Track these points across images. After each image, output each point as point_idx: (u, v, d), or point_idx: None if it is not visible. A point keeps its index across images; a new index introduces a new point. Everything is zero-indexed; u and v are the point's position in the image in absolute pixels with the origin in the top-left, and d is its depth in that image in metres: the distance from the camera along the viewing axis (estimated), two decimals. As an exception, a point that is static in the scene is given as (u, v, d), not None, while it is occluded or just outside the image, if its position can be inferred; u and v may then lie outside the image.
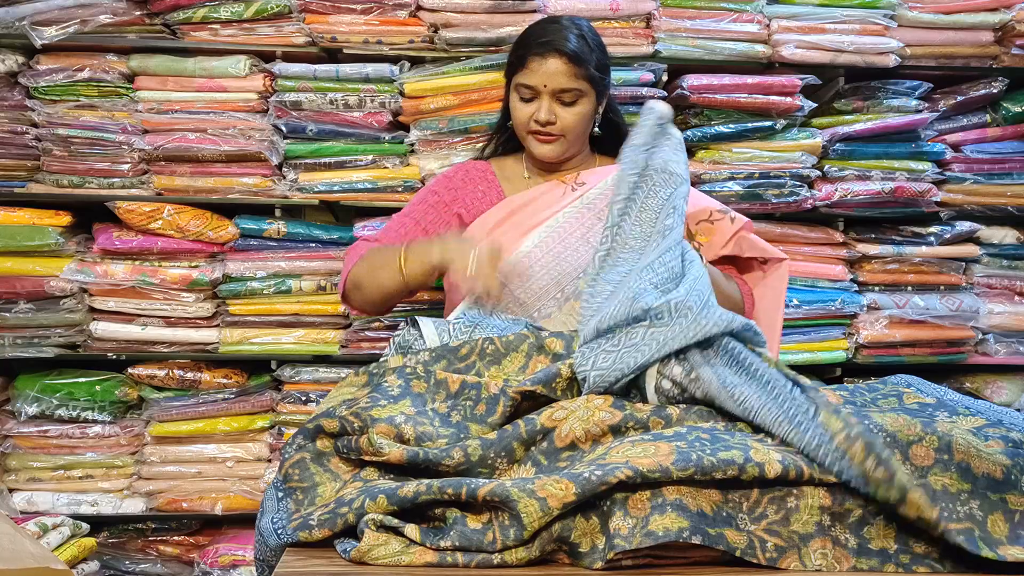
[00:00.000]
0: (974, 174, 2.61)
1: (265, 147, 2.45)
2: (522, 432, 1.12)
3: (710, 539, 0.97)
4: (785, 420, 1.05)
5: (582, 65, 1.68)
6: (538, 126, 1.71)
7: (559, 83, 1.68)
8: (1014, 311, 2.66)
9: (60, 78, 2.43)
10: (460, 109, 2.44)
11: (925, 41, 2.56)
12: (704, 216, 1.75)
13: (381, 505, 1.03)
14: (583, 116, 1.72)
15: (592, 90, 1.72)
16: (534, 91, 1.70)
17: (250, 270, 2.49)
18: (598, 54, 1.73)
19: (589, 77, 1.69)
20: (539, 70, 1.68)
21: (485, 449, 1.10)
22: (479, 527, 1.01)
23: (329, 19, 2.43)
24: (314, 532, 1.06)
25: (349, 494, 1.08)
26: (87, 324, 2.49)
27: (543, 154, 1.74)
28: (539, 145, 1.74)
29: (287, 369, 2.55)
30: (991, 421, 1.07)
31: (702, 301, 1.21)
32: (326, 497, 1.13)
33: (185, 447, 2.55)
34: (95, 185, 2.48)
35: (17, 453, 2.53)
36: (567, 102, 1.70)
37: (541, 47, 1.69)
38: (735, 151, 2.49)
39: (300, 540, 1.07)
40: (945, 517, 0.98)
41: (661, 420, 1.12)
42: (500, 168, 1.86)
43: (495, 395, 1.19)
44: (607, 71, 1.77)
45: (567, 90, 1.69)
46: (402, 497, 1.03)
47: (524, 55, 1.72)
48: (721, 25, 2.48)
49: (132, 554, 2.62)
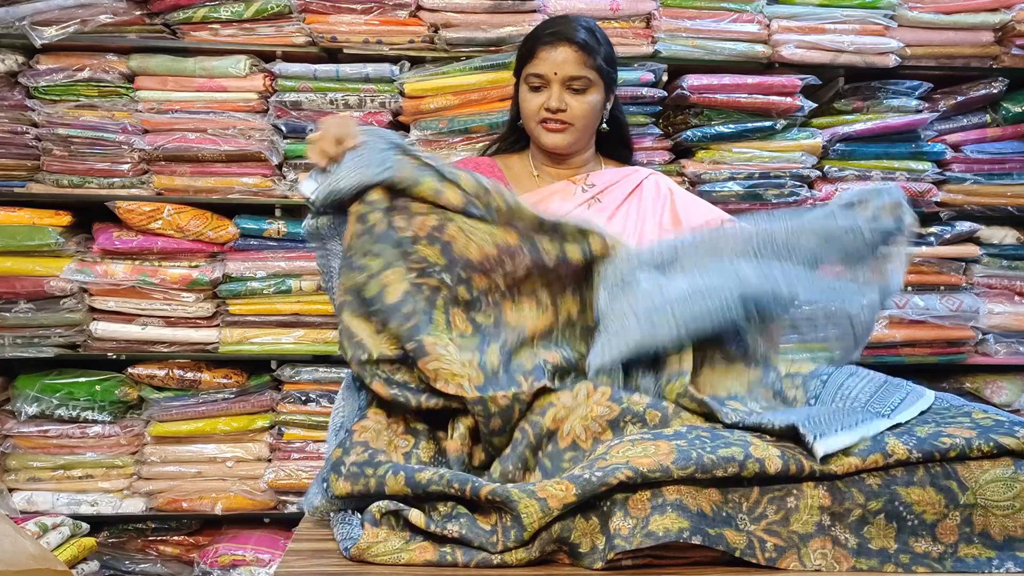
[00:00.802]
0: (974, 174, 2.61)
1: (265, 147, 2.45)
2: (530, 438, 1.13)
3: (710, 539, 0.97)
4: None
5: (591, 54, 1.69)
6: (548, 114, 1.72)
7: (569, 71, 1.69)
8: (1014, 311, 2.66)
9: (60, 78, 2.43)
10: (460, 109, 2.44)
11: (925, 41, 2.56)
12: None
13: (399, 481, 1.05)
14: (592, 106, 1.73)
15: (601, 81, 1.73)
16: (544, 80, 1.71)
17: (250, 270, 2.49)
18: (606, 48, 1.75)
19: (597, 67, 1.71)
20: (549, 58, 1.70)
21: (504, 463, 1.12)
22: (488, 528, 1.02)
23: (329, 19, 2.43)
24: (340, 482, 1.09)
25: (382, 458, 1.11)
26: (87, 324, 2.49)
27: (553, 143, 1.75)
28: (549, 135, 1.74)
29: (287, 369, 2.55)
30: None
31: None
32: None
33: (185, 447, 2.55)
34: (95, 185, 2.48)
35: (17, 453, 2.53)
36: (577, 90, 1.71)
37: (551, 36, 1.72)
38: (735, 151, 2.49)
39: (328, 482, 1.10)
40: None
41: (658, 412, 1.13)
42: (507, 166, 1.86)
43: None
44: (615, 66, 1.78)
45: (577, 78, 1.70)
46: (417, 481, 1.05)
47: (534, 46, 1.73)
48: (721, 25, 2.49)
49: (132, 554, 2.62)
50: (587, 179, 1.78)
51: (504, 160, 1.88)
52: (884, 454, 1.01)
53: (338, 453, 1.13)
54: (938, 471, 1.02)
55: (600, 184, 1.76)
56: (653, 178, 1.79)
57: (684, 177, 2.48)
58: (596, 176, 1.79)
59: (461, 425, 1.18)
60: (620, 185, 1.76)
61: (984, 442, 1.01)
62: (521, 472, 1.12)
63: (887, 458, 1.01)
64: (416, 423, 1.21)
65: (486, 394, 1.15)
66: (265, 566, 2.47)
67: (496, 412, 1.16)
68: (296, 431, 2.56)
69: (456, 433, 1.18)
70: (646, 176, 1.79)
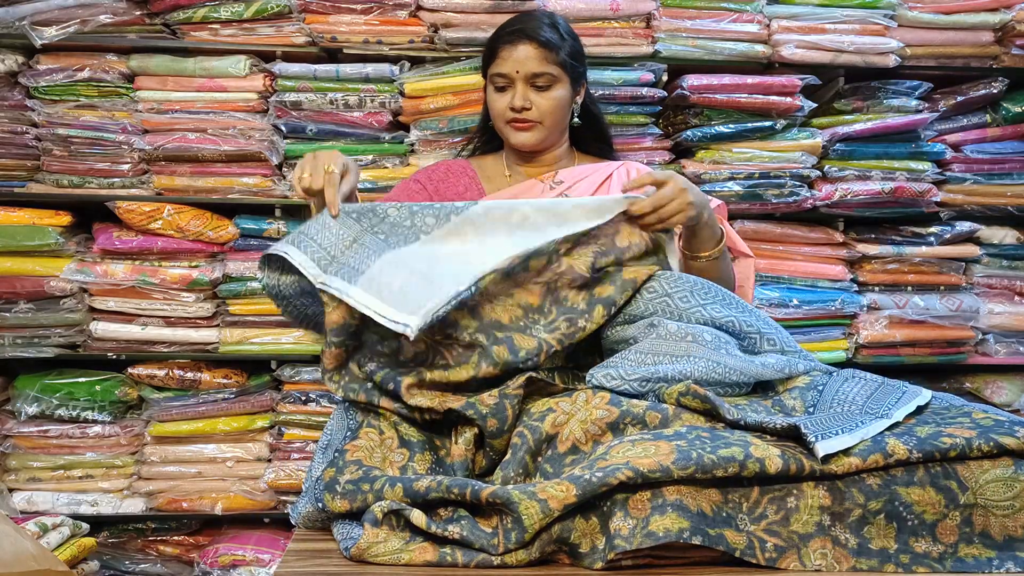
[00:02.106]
0: (974, 174, 2.61)
1: (265, 147, 2.45)
2: (530, 443, 1.13)
3: (710, 539, 0.97)
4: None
5: (553, 49, 1.68)
6: (514, 114, 1.71)
7: (530, 68, 1.68)
8: (1014, 311, 2.66)
9: (60, 78, 2.43)
10: (460, 109, 2.44)
11: (925, 41, 2.56)
12: None
13: (397, 493, 1.05)
14: (558, 102, 1.71)
15: (566, 76, 1.71)
16: (507, 79, 1.70)
17: (250, 270, 2.49)
18: (571, 42, 1.73)
19: (561, 62, 1.69)
20: (510, 57, 1.69)
21: (504, 470, 1.12)
22: (489, 531, 1.02)
23: (329, 19, 2.43)
24: (336, 501, 1.09)
25: (377, 473, 1.11)
26: (87, 324, 2.49)
27: (521, 142, 1.74)
28: (516, 133, 1.73)
29: (287, 369, 2.55)
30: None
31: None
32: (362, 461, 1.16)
33: (185, 447, 2.55)
34: (95, 185, 2.48)
35: (17, 453, 2.53)
36: (541, 86, 1.70)
37: (511, 35, 1.71)
38: (735, 151, 2.49)
39: (324, 502, 1.10)
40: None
41: (658, 414, 1.13)
42: (480, 167, 1.86)
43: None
44: (581, 59, 1.76)
45: (539, 74, 1.69)
46: (415, 490, 1.05)
47: (495, 46, 1.72)
48: (721, 25, 2.49)
49: (132, 554, 2.62)
50: (555, 176, 1.77)
51: (479, 161, 1.88)
52: (884, 454, 1.01)
53: (331, 473, 1.12)
54: (938, 471, 1.02)
55: (568, 180, 1.75)
56: (624, 167, 1.77)
57: (684, 177, 2.48)
58: (565, 172, 1.78)
59: (467, 431, 1.19)
60: (589, 179, 1.75)
61: (984, 442, 1.01)
62: (522, 478, 1.12)
63: (887, 458, 1.01)
64: (411, 435, 1.21)
65: (472, 398, 1.16)
66: (265, 566, 2.46)
67: (488, 412, 1.16)
68: (296, 431, 2.56)
69: (461, 438, 1.19)
70: (617, 167, 1.77)
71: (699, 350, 1.24)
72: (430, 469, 1.18)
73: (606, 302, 1.32)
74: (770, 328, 1.34)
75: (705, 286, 1.36)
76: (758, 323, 1.33)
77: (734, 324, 1.31)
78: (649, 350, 1.25)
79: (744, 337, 1.32)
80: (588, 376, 1.24)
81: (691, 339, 1.26)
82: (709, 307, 1.32)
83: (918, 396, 1.17)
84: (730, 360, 1.23)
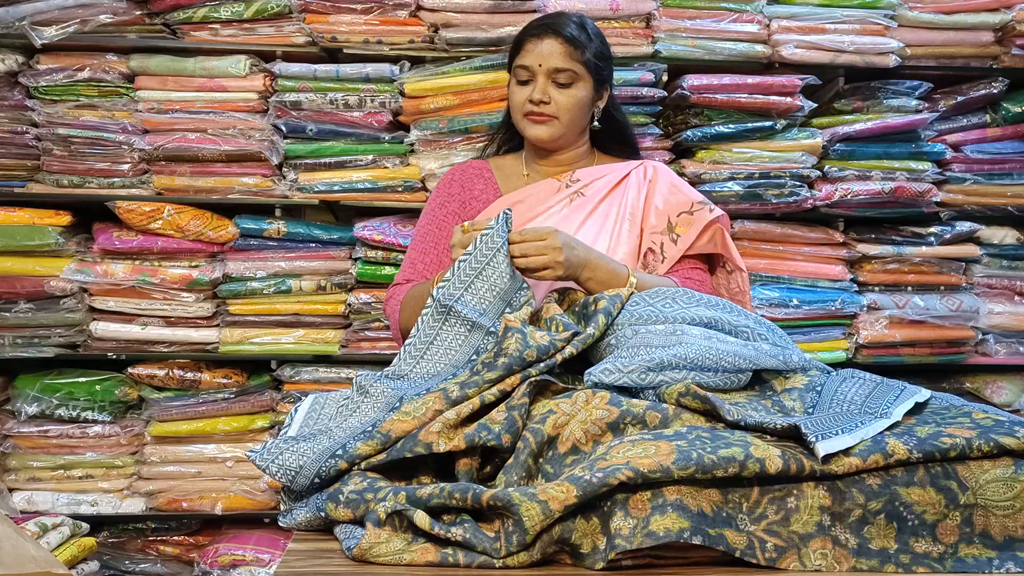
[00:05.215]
0: (974, 174, 2.61)
1: (265, 147, 2.45)
2: (532, 446, 1.13)
3: (710, 539, 0.97)
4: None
5: (578, 47, 1.68)
6: (532, 106, 1.71)
7: (553, 63, 1.68)
8: (1014, 311, 2.66)
9: (60, 78, 2.43)
10: (460, 109, 2.44)
11: (925, 41, 2.56)
12: (685, 208, 1.74)
13: (401, 501, 1.05)
14: (578, 100, 1.71)
15: (589, 76, 1.71)
16: (530, 72, 1.70)
17: (250, 270, 2.49)
18: (597, 43, 1.74)
19: (584, 61, 1.69)
20: (534, 50, 1.70)
21: (507, 474, 1.12)
22: (492, 535, 1.02)
23: (329, 19, 2.43)
24: (339, 510, 1.09)
25: (381, 484, 1.11)
26: (87, 324, 2.49)
27: (536, 136, 1.74)
28: (532, 126, 1.73)
29: (287, 369, 2.55)
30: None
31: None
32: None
33: (185, 447, 2.55)
34: (95, 185, 2.48)
35: (17, 453, 2.53)
36: (562, 83, 1.70)
37: (537, 29, 1.72)
38: (735, 151, 2.49)
39: (326, 511, 1.10)
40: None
41: (658, 414, 1.13)
42: (499, 167, 1.86)
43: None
44: (607, 61, 1.76)
45: (562, 70, 1.69)
46: (418, 498, 1.05)
47: (522, 39, 1.73)
48: (721, 25, 2.49)
49: (132, 554, 2.62)
50: (572, 175, 1.77)
51: (498, 162, 1.88)
52: (884, 454, 1.01)
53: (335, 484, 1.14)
54: (938, 471, 1.02)
55: (585, 178, 1.75)
56: (643, 166, 1.77)
57: (684, 177, 2.48)
58: (583, 171, 1.78)
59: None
60: (607, 178, 1.75)
61: (984, 442, 1.01)
62: (525, 481, 1.12)
63: (887, 458, 1.01)
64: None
65: (482, 420, 1.16)
66: (265, 566, 2.47)
67: (501, 430, 1.16)
68: (296, 431, 2.56)
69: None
70: (636, 166, 1.77)
71: (690, 339, 1.25)
72: (433, 481, 1.17)
73: (604, 311, 1.34)
74: (763, 327, 1.34)
75: (687, 293, 1.38)
76: (749, 322, 1.34)
77: (723, 323, 1.32)
78: (642, 344, 1.26)
79: (737, 335, 1.32)
80: (586, 375, 1.24)
81: (680, 332, 1.27)
82: (694, 309, 1.33)
83: (916, 394, 1.17)
84: (723, 346, 1.24)
